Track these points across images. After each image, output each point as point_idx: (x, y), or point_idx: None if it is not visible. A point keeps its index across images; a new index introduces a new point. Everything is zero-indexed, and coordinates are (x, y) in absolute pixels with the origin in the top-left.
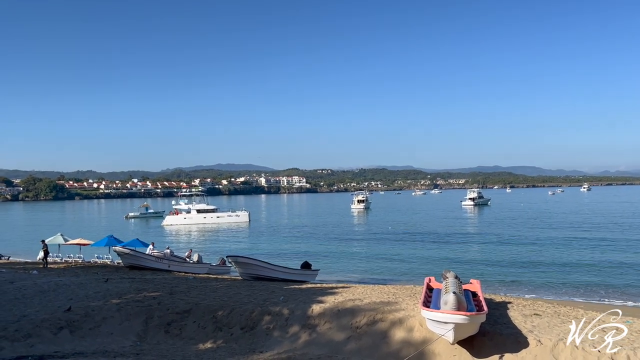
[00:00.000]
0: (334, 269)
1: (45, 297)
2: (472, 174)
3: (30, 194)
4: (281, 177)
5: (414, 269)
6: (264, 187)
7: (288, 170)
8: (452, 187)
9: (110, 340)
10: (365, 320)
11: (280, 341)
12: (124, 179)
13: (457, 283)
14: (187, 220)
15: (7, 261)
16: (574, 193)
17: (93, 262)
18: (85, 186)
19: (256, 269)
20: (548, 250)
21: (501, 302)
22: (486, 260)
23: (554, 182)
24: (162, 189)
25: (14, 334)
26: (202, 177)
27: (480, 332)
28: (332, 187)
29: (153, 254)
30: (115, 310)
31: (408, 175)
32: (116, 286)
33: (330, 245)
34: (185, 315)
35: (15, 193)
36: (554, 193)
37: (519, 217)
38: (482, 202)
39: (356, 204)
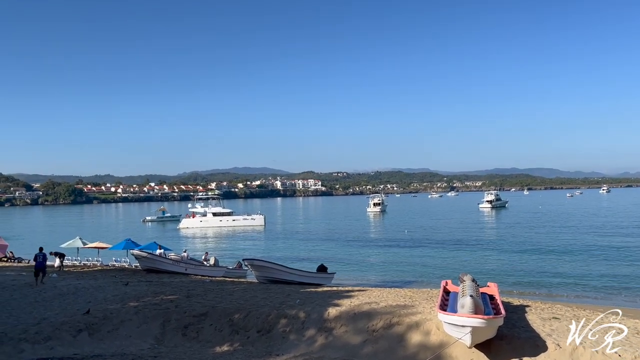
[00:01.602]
0: (350, 272)
1: (65, 300)
2: (489, 176)
3: (49, 198)
4: (297, 181)
5: (430, 272)
6: (279, 191)
7: (304, 174)
8: (468, 190)
9: (129, 343)
10: (381, 324)
11: (297, 344)
12: (142, 182)
13: (474, 286)
14: (204, 224)
15: (27, 265)
16: (593, 195)
17: (111, 266)
18: (103, 190)
19: (272, 272)
20: (567, 253)
21: (519, 306)
22: (504, 263)
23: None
24: (179, 193)
25: (34, 336)
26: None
27: (498, 336)
28: (348, 190)
29: (170, 257)
30: (133, 313)
31: (424, 178)
32: (134, 289)
33: (346, 249)
34: (202, 318)
35: (35, 197)
36: (572, 195)
37: (537, 220)
38: (500, 204)
39: (372, 207)
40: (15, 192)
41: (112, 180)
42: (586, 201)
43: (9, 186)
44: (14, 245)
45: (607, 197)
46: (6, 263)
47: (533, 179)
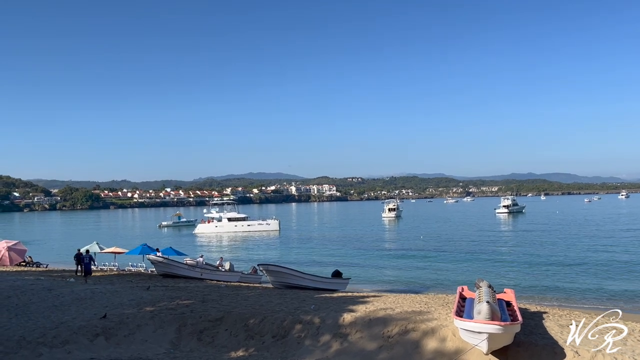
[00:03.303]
0: (365, 278)
1: (82, 304)
2: (505, 182)
3: (67, 204)
4: (311, 186)
5: (446, 278)
6: (294, 196)
7: (318, 179)
8: (484, 195)
9: (145, 348)
10: (397, 330)
11: (312, 350)
12: (158, 188)
13: (491, 292)
14: (219, 229)
15: (46, 269)
16: (612, 200)
17: (127, 270)
18: (120, 195)
19: (287, 278)
20: (586, 259)
21: (536, 312)
22: (521, 269)
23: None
24: (195, 198)
25: (52, 340)
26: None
27: (515, 343)
28: (363, 196)
29: (186, 261)
30: (149, 317)
31: (439, 183)
32: (150, 294)
33: (361, 254)
34: (217, 323)
35: (53, 202)
36: (591, 200)
37: (555, 225)
38: (517, 209)
39: (387, 212)
40: (34, 198)
41: (129, 185)
42: (605, 207)
43: (28, 191)
44: (33, 250)
45: (626, 203)
46: (25, 268)
47: (550, 184)
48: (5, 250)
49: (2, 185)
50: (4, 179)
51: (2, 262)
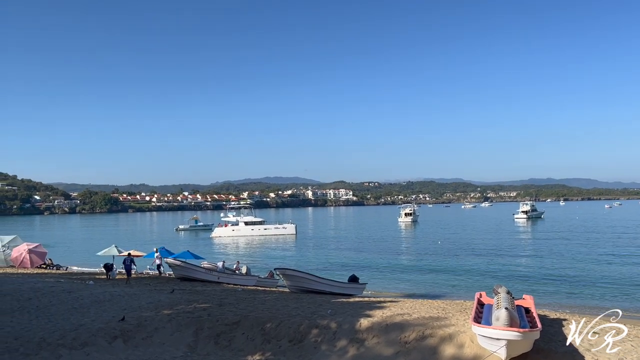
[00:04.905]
0: (381, 283)
1: (101, 307)
2: (523, 187)
3: (86, 207)
4: (328, 190)
5: (464, 284)
6: (311, 200)
7: (335, 183)
8: (503, 200)
9: (162, 350)
10: (414, 336)
11: (328, 355)
12: (175, 192)
13: (509, 298)
14: (235, 233)
15: (65, 272)
16: (633, 206)
17: (145, 274)
18: (138, 199)
19: (304, 282)
20: (605, 266)
21: (556, 319)
22: (540, 276)
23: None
24: (212, 202)
25: (72, 342)
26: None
27: (534, 350)
28: (380, 200)
29: (203, 265)
30: (167, 321)
31: (457, 188)
32: (167, 297)
33: (377, 259)
34: (234, 327)
35: (72, 206)
36: (611, 206)
37: (574, 231)
38: (536, 215)
39: (403, 217)
40: (55, 201)
41: (147, 189)
42: (626, 212)
43: (49, 195)
44: (53, 252)
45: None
46: (45, 270)
47: (569, 190)
48: (26, 252)
49: (24, 188)
50: (25, 182)
51: (23, 264)
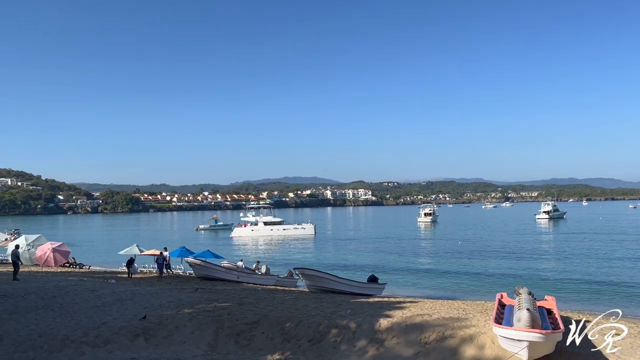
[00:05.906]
0: (401, 283)
1: (123, 305)
2: (545, 187)
3: (108, 207)
4: (347, 190)
5: (484, 284)
6: (329, 200)
7: (354, 183)
8: (524, 200)
9: (183, 349)
10: (434, 336)
11: (348, 355)
12: (195, 192)
13: (531, 299)
14: (255, 233)
15: (88, 270)
16: None
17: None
18: (159, 199)
19: (323, 282)
20: (629, 267)
21: (578, 321)
22: (562, 276)
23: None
24: (232, 202)
25: (95, 340)
26: (270, 190)
27: (557, 352)
28: (399, 200)
29: (223, 265)
30: (188, 319)
31: (477, 188)
32: (188, 296)
33: (396, 259)
34: (254, 326)
35: (95, 206)
36: (636, 207)
37: (598, 232)
38: (558, 215)
39: (423, 217)
40: (77, 201)
41: (168, 189)
42: None
43: (72, 195)
44: (76, 251)
45: None
46: (69, 268)
47: (592, 190)
48: (50, 251)
49: (48, 188)
50: (49, 182)
51: (47, 262)
